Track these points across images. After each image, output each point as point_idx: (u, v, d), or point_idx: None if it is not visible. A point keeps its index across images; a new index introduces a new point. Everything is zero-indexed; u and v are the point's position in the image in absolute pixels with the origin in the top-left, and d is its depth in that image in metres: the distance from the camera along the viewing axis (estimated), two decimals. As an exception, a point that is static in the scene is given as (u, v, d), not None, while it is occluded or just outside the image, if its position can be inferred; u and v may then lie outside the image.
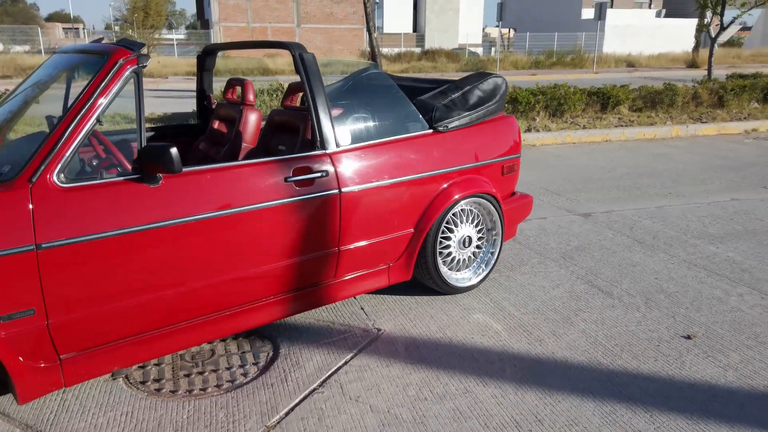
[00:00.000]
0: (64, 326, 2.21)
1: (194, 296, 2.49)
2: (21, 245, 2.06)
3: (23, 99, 3.04)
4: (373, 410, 2.36)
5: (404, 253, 3.19)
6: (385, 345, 2.86)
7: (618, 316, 3.16)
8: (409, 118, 3.16)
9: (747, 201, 5.42)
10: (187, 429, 2.25)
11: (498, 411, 2.36)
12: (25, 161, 2.15)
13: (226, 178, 2.50)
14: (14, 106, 2.98)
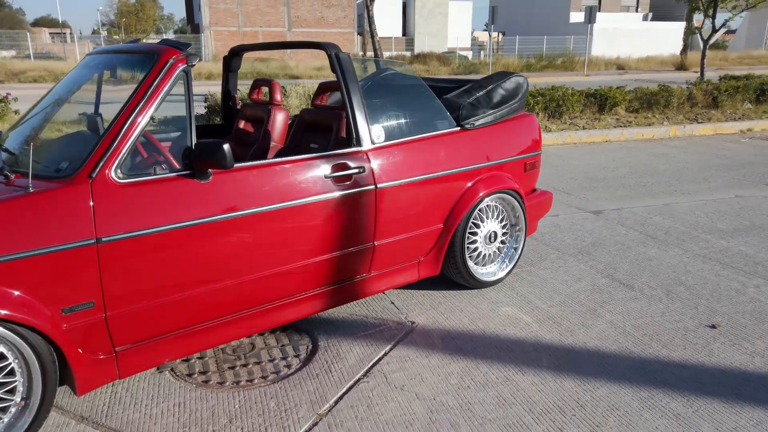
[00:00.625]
0: (120, 319, 2.26)
1: (241, 290, 2.55)
2: (83, 239, 2.11)
3: (61, 98, 3.09)
4: (419, 398, 2.43)
5: (434, 248, 3.26)
6: (421, 337, 2.93)
7: (642, 307, 3.25)
8: (437, 115, 3.24)
9: (751, 198, 5.55)
10: (240, 418, 2.31)
11: (540, 397, 2.43)
12: (84, 158, 2.20)
13: (271, 174, 2.56)
14: (53, 105, 3.02)
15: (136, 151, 2.70)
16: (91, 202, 2.14)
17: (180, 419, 2.31)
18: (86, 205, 2.13)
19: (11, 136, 2.87)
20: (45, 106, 3.05)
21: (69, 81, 3.11)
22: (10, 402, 2.07)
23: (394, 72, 3.57)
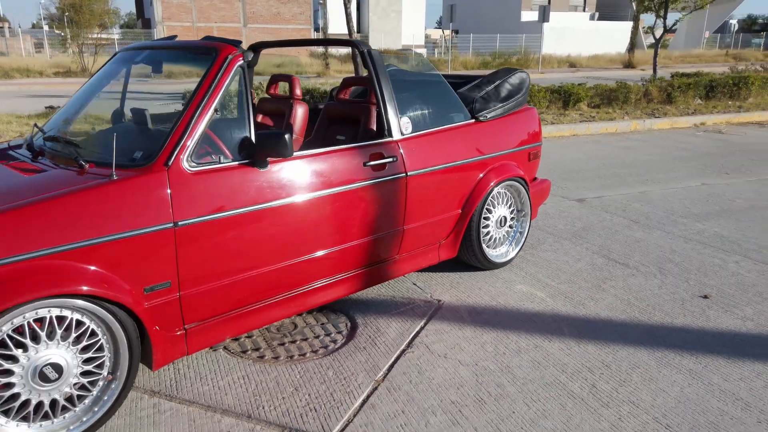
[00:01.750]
0: (191, 298, 2.42)
1: (293, 271, 2.74)
2: (163, 223, 2.27)
3: (96, 92, 3.20)
4: (462, 364, 2.68)
5: (452, 232, 3.51)
6: (449, 313, 3.18)
7: (640, 282, 3.59)
8: (455, 108, 3.49)
9: (716, 185, 6.02)
10: (305, 386, 2.51)
11: (569, 360, 2.72)
12: (158, 148, 2.35)
13: (321, 163, 2.76)
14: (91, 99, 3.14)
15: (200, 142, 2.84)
16: (169, 189, 2.30)
17: (248, 390, 2.49)
18: (165, 191, 2.29)
19: (57, 128, 2.98)
20: (82, 99, 3.16)
21: (104, 76, 3.23)
22: (99, 376, 2.21)
23: (395, 68, 3.82)
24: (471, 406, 2.38)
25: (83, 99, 3.26)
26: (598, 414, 2.33)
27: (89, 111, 3.29)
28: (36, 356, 2.03)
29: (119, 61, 3.30)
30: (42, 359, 2.04)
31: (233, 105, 2.76)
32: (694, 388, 2.49)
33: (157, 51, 3.00)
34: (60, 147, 2.67)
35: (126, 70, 3.35)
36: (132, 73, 3.31)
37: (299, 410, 2.35)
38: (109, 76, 3.32)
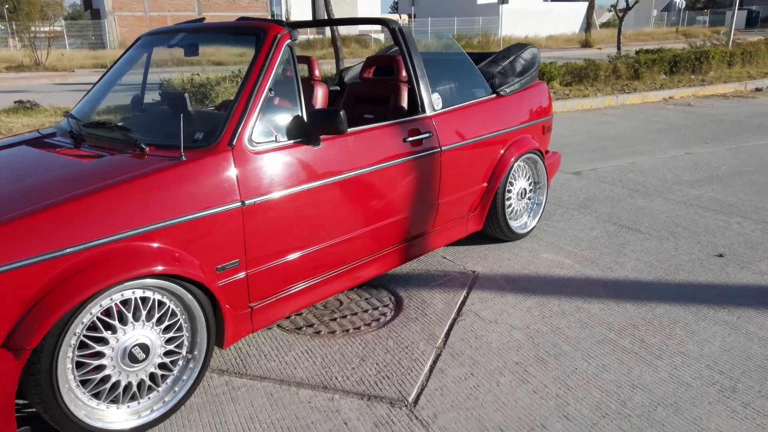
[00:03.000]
0: (256, 276, 2.45)
1: (346, 246, 2.79)
2: (232, 202, 2.29)
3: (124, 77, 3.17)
4: (514, 328, 2.79)
5: (479, 206, 3.61)
6: (487, 282, 3.29)
7: (656, 246, 3.76)
8: (478, 84, 3.57)
9: (699, 154, 6.29)
10: (370, 357, 2.57)
11: (612, 318, 2.86)
12: (219, 129, 2.37)
13: (368, 139, 2.81)
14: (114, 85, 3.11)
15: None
16: (235, 169, 2.32)
17: (315, 363, 2.54)
18: (231, 171, 2.31)
19: (92, 115, 2.95)
20: (108, 86, 3.12)
21: (128, 61, 3.20)
22: (179, 356, 2.24)
23: (395, 48, 3.93)
24: (534, 365, 2.49)
25: (110, 85, 3.22)
26: (654, 365, 2.47)
27: (119, 97, 3.26)
28: (124, 337, 2.05)
29: (143, 46, 3.26)
30: (130, 340, 2.06)
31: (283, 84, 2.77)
32: (735, 338, 2.66)
33: (194, 34, 2.98)
34: (104, 132, 2.65)
35: (148, 55, 3.32)
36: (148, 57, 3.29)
37: (372, 379, 2.42)
38: (133, 61, 3.29)
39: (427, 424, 2.14)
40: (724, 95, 10.86)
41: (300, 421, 2.18)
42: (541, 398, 2.27)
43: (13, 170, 2.37)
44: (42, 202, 1.93)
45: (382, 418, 2.18)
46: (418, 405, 2.25)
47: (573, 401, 2.25)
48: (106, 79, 3.28)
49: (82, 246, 1.91)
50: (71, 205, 1.93)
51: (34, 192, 2.03)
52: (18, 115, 8.88)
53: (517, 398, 2.27)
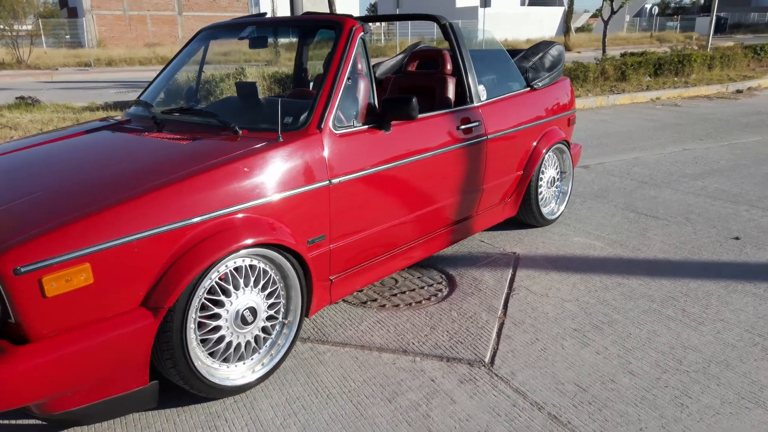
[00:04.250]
0: (337, 251, 2.65)
1: (410, 225, 3.00)
2: (322, 180, 2.49)
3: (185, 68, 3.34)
4: (565, 300, 3.03)
5: (514, 192, 3.85)
6: (529, 262, 3.52)
7: (676, 230, 4.04)
8: (515, 77, 3.82)
9: (696, 150, 6.63)
10: (439, 326, 2.79)
11: (652, 292, 3.11)
12: (308, 114, 2.56)
13: (427, 126, 3.02)
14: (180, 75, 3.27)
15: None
16: (324, 150, 2.51)
17: (389, 332, 2.74)
18: (322, 152, 2.50)
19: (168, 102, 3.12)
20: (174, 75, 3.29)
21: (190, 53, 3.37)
22: (276, 321, 2.42)
23: (426, 46, 4.17)
24: (591, 331, 2.73)
25: (172, 75, 3.39)
26: (699, 330, 2.72)
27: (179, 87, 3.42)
28: (237, 301, 2.22)
29: (202, 39, 3.44)
30: (242, 304, 2.24)
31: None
32: (765, 307, 2.93)
33: (266, 27, 3.15)
34: (189, 118, 2.83)
35: (205, 48, 3.50)
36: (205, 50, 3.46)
37: (446, 344, 2.63)
38: (192, 53, 3.45)
39: (508, 380, 2.36)
40: (707, 96, 11.32)
41: (390, 379, 2.38)
42: (605, 358, 2.51)
43: (116, 150, 2.53)
44: (165, 177, 2.10)
45: (465, 376, 2.39)
46: (495, 365, 2.47)
47: (634, 360, 2.49)
48: (168, 70, 3.44)
49: (206, 216, 2.09)
50: (195, 179, 2.10)
51: (152, 169, 2.20)
52: (21, 111, 8.88)
53: (583, 359, 2.51)
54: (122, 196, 1.96)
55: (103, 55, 24.73)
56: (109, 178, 2.14)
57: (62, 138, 2.79)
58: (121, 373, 1.95)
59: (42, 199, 1.99)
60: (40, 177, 2.22)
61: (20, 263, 1.70)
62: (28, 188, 2.09)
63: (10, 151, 2.64)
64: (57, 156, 2.52)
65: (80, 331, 1.83)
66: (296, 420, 2.15)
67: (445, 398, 2.25)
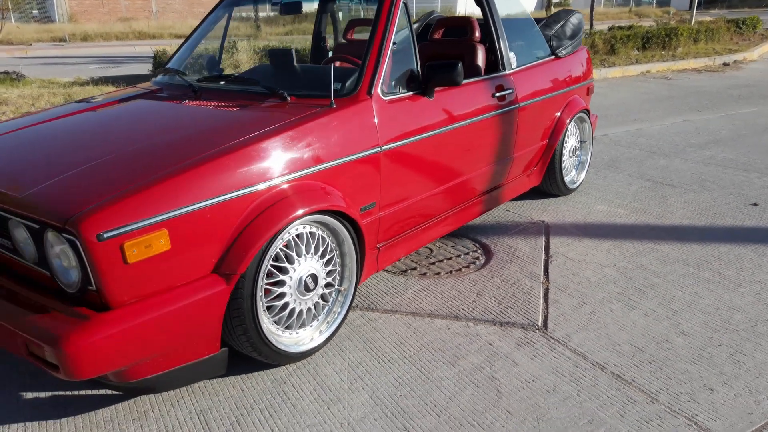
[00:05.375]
0: (385, 218, 2.64)
1: (451, 193, 3.00)
2: (373, 147, 2.46)
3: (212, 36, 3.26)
4: (603, 265, 3.07)
5: (539, 162, 3.86)
6: (559, 230, 3.55)
7: (694, 197, 4.10)
8: (541, 45, 3.80)
9: (696, 121, 6.71)
10: (485, 292, 2.80)
11: (686, 256, 3.16)
12: (356, 80, 2.52)
13: (465, 93, 3.00)
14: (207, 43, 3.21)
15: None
16: (374, 116, 2.49)
17: (437, 299, 2.75)
18: (372, 118, 2.47)
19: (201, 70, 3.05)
20: (199, 43, 3.21)
21: (215, 20, 3.29)
22: (332, 288, 2.41)
23: (439, 15, 4.14)
24: (635, 295, 2.77)
25: (197, 43, 3.31)
26: (738, 292, 2.78)
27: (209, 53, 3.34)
28: (300, 268, 2.21)
29: (226, 6, 3.37)
30: (304, 271, 2.22)
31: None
32: (797, 268, 3.01)
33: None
34: (227, 85, 2.77)
35: (228, 15, 3.42)
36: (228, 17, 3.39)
37: (496, 309, 2.65)
38: (217, 21, 3.38)
39: (564, 342, 2.39)
40: (696, 69, 11.43)
41: (447, 344, 2.39)
42: (654, 320, 2.55)
43: (165, 118, 2.47)
44: (229, 143, 2.06)
45: (521, 339, 2.42)
46: (549, 329, 2.49)
47: (683, 321, 2.53)
48: (193, 39, 3.36)
49: (270, 182, 2.06)
50: (261, 145, 2.07)
51: (212, 135, 2.15)
52: (6, 87, 8.62)
53: (634, 320, 2.55)
54: (193, 161, 1.92)
55: (78, 30, 24.04)
56: (170, 145, 2.09)
57: (101, 106, 2.72)
58: (195, 339, 1.93)
59: (111, 165, 1.94)
60: (101, 143, 2.16)
61: (103, 229, 1.66)
62: (92, 154, 2.03)
63: (51, 118, 2.56)
64: (107, 123, 2.46)
65: (159, 297, 1.80)
66: (363, 384, 2.15)
67: (506, 361, 2.28)
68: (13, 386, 2.16)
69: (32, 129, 2.42)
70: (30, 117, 2.67)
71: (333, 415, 2.00)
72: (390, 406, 2.04)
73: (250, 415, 2.01)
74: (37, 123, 2.51)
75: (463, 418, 1.97)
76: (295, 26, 25.41)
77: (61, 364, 1.63)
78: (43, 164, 2.00)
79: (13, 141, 2.30)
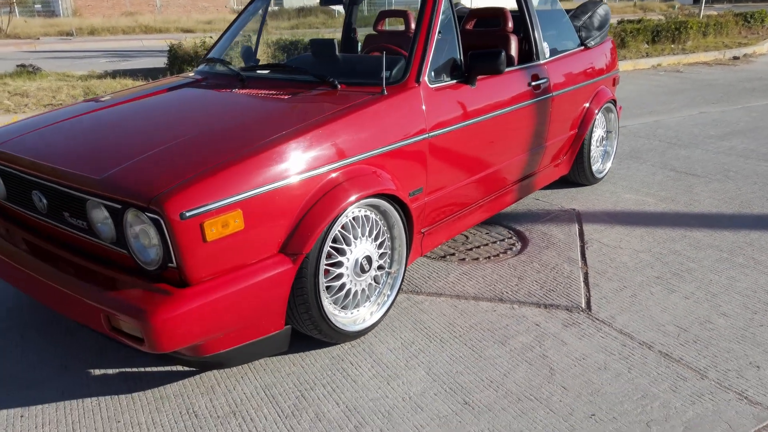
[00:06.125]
0: (430, 204, 2.70)
1: (490, 179, 3.06)
2: (422, 134, 2.53)
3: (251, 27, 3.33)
4: (638, 251, 3.13)
5: (569, 151, 3.92)
6: (590, 217, 3.61)
7: (720, 187, 4.16)
8: (570, 36, 3.86)
9: (712, 113, 6.77)
10: (526, 276, 2.87)
11: (718, 242, 3.23)
12: (404, 68, 2.59)
13: (504, 81, 3.06)
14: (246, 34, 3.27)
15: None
16: (423, 103, 2.55)
17: (479, 282, 2.82)
18: (421, 105, 2.54)
19: (243, 59, 3.12)
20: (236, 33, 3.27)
21: (251, 12, 3.36)
22: (383, 271, 2.48)
23: (463, 7, 4.20)
24: (673, 279, 2.83)
25: (235, 35, 3.37)
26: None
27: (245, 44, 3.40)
28: (356, 250, 2.27)
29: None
30: (360, 252, 2.29)
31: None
32: (828, 254, 3.07)
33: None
34: (274, 74, 2.83)
35: (266, 6, 3.48)
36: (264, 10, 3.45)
37: (539, 292, 2.72)
38: (256, 12, 3.44)
39: (609, 323, 2.46)
40: (706, 63, 11.47)
41: (495, 325, 2.46)
42: (695, 302, 2.62)
43: (222, 104, 2.53)
44: (291, 128, 2.12)
45: (567, 321, 2.49)
46: (592, 310, 2.56)
47: (723, 303, 2.60)
48: (232, 30, 3.42)
49: (332, 165, 2.12)
50: (323, 129, 2.13)
51: (272, 120, 2.22)
52: (24, 79, 8.68)
53: (675, 303, 2.62)
54: (262, 144, 1.99)
55: (84, 24, 24.06)
56: (235, 129, 2.15)
57: (152, 94, 2.78)
58: (264, 316, 2.00)
59: (183, 148, 2.00)
60: (167, 127, 2.23)
61: (185, 208, 1.72)
62: (162, 138, 2.10)
63: (106, 106, 2.63)
64: (166, 109, 2.53)
65: (234, 274, 1.87)
66: (419, 361, 2.22)
67: (555, 340, 2.35)
68: (78, 364, 2.24)
69: (93, 115, 2.49)
70: (83, 105, 2.74)
71: (393, 390, 2.07)
72: (447, 381, 2.11)
73: (314, 389, 2.08)
74: (94, 110, 2.58)
75: (520, 393, 2.04)
76: (300, 20, 25.44)
77: (147, 336, 1.70)
78: (115, 148, 2.07)
79: (78, 126, 2.37)
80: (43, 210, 2.11)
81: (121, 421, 1.94)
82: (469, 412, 1.95)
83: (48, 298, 1.99)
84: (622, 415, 1.93)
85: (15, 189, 2.23)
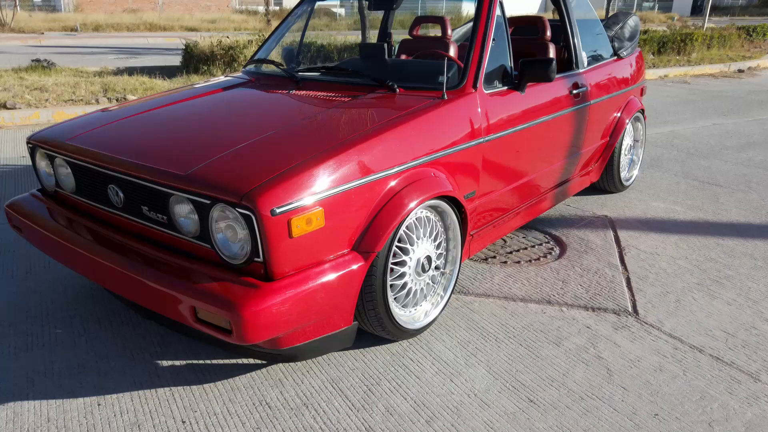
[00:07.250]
0: (479, 207, 2.76)
1: (533, 184, 3.13)
2: (477, 138, 2.59)
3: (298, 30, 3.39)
4: (675, 258, 3.21)
5: (600, 159, 4.00)
6: (624, 224, 3.69)
7: (744, 197, 4.25)
8: (605, 46, 3.94)
9: (725, 125, 6.87)
10: (570, 280, 2.93)
11: (751, 251, 3.30)
12: (461, 73, 2.65)
13: (551, 89, 3.13)
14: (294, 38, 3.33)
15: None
16: (479, 108, 2.61)
17: (525, 285, 2.88)
18: (477, 110, 2.60)
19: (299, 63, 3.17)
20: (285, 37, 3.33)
21: (297, 14, 3.41)
22: (438, 272, 2.53)
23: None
24: (713, 285, 2.91)
25: (281, 37, 3.43)
26: (809, 284, 2.93)
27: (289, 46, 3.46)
28: (418, 250, 2.33)
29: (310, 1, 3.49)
30: (421, 252, 2.34)
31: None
32: None
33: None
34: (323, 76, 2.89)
35: (311, 9, 3.54)
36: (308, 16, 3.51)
37: (585, 295, 2.79)
38: (301, 16, 3.50)
39: (658, 327, 2.53)
40: (712, 75, 11.62)
41: (547, 326, 2.53)
42: (737, 308, 2.69)
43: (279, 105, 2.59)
44: (361, 131, 2.18)
45: (616, 324, 2.55)
46: (640, 315, 2.63)
47: (765, 310, 2.68)
48: (278, 32, 3.48)
49: (401, 167, 2.18)
50: (394, 131, 2.19)
51: (342, 122, 2.27)
52: (39, 74, 8.69)
53: (718, 309, 2.69)
54: (338, 145, 2.04)
55: (88, 20, 24.03)
56: (308, 129, 2.21)
57: (208, 93, 2.83)
58: (336, 312, 2.05)
59: (262, 146, 2.06)
60: (238, 126, 2.28)
61: (276, 204, 1.78)
62: (236, 136, 2.15)
63: (167, 104, 2.68)
64: (231, 108, 2.58)
65: (314, 270, 1.92)
66: (478, 360, 2.28)
67: (608, 342, 2.41)
68: (146, 355, 2.28)
69: (160, 112, 2.54)
70: (144, 102, 2.78)
71: (458, 386, 2.13)
72: (509, 380, 2.17)
73: (380, 384, 2.13)
74: (159, 107, 2.62)
75: (582, 392, 2.10)
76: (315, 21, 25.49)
77: (236, 328, 1.75)
78: (194, 144, 2.12)
79: (150, 123, 2.42)
80: (119, 204, 2.16)
81: (198, 411, 1.99)
82: (535, 410, 2.01)
83: (124, 288, 2.03)
84: (684, 415, 1.99)
85: (88, 183, 2.27)
